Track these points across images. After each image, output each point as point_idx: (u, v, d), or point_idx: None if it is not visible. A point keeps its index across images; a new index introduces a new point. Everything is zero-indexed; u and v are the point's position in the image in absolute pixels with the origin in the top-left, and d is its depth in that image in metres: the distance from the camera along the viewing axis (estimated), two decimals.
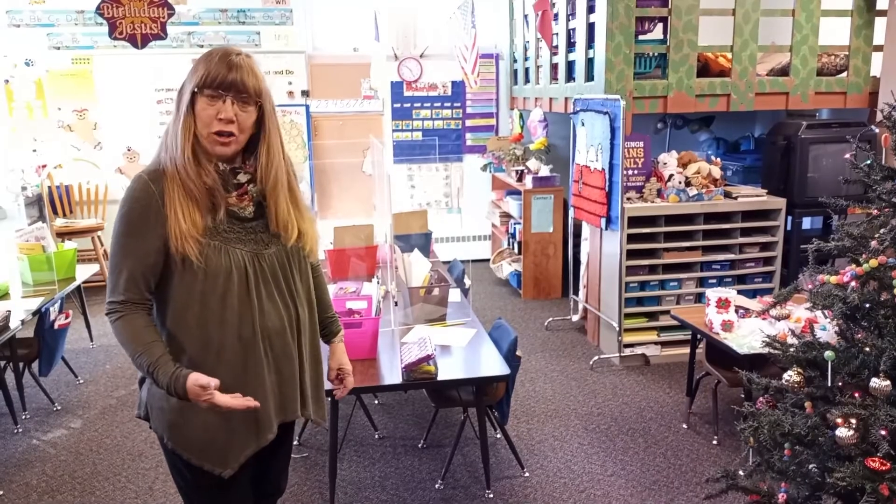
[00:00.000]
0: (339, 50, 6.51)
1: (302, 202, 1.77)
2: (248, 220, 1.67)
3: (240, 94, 1.57)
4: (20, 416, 3.75)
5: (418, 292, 3.32)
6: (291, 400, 1.77)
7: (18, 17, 5.97)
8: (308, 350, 1.82)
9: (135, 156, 6.31)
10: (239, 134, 1.60)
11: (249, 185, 1.66)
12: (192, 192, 1.58)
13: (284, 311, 1.72)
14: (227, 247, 1.63)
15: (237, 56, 1.59)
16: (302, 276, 1.78)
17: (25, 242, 4.15)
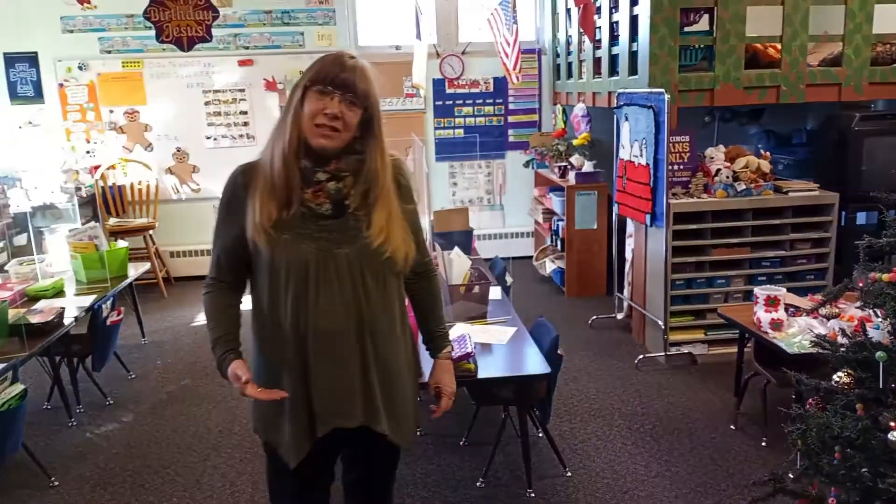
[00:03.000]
0: (381, 49, 6.55)
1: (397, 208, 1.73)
2: (325, 218, 1.68)
3: (347, 93, 1.62)
4: (74, 410, 3.87)
5: (458, 290, 3.32)
6: (348, 406, 1.71)
7: (72, 23, 6.16)
8: (378, 358, 1.73)
9: (184, 156, 6.45)
10: (343, 131, 1.64)
11: (328, 184, 1.67)
12: (273, 184, 1.66)
13: (345, 313, 1.67)
14: (296, 242, 1.66)
15: (350, 59, 1.67)
16: (379, 281, 1.71)
17: (79, 241, 4.28)
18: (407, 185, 1.81)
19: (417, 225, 1.86)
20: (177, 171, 6.47)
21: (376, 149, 1.69)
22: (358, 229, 1.68)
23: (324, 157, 1.67)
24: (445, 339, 1.95)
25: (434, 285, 1.95)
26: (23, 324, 3.37)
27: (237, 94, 6.39)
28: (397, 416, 1.80)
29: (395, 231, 1.71)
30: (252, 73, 6.32)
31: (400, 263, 1.73)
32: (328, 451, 1.85)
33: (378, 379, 1.74)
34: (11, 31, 6.10)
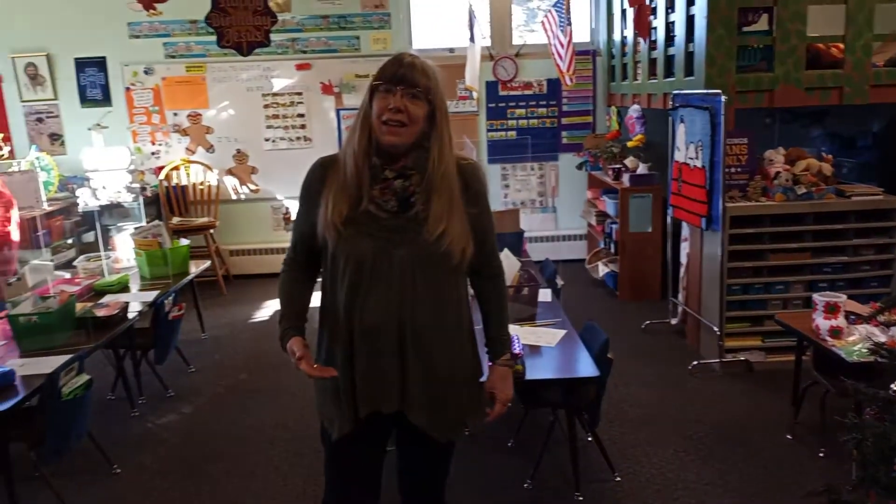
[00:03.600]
0: (434, 52, 6.60)
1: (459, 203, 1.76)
2: (388, 215, 1.75)
3: (409, 87, 1.70)
4: (137, 401, 4.03)
5: (507, 291, 3.32)
6: (385, 393, 1.79)
7: (138, 29, 6.41)
8: (420, 353, 1.78)
9: (243, 158, 6.63)
10: (409, 125, 1.71)
11: (395, 181, 1.74)
12: (346, 182, 1.76)
13: (389, 312, 1.74)
14: (358, 238, 1.75)
15: (410, 57, 1.75)
16: (431, 281, 1.77)
17: (144, 239, 4.45)
18: (476, 189, 1.83)
19: (486, 229, 1.89)
20: (237, 172, 6.65)
21: (437, 141, 1.74)
22: (418, 229, 1.74)
23: (393, 156, 1.75)
24: (506, 345, 1.96)
25: (500, 290, 1.97)
26: (89, 317, 3.53)
27: (294, 98, 6.53)
28: (438, 411, 1.84)
29: (454, 223, 1.74)
30: (309, 77, 6.46)
31: (456, 258, 1.76)
32: (374, 437, 1.91)
33: (418, 372, 1.79)
34: (82, 37, 6.37)
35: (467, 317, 1.90)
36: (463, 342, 1.88)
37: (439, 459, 2.02)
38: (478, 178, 1.85)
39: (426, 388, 1.81)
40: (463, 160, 1.84)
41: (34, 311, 3.35)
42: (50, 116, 6.54)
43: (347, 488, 1.97)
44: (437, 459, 2.01)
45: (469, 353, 1.91)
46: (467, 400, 1.91)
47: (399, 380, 1.79)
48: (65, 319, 3.41)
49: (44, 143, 6.49)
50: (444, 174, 1.75)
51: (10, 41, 6.38)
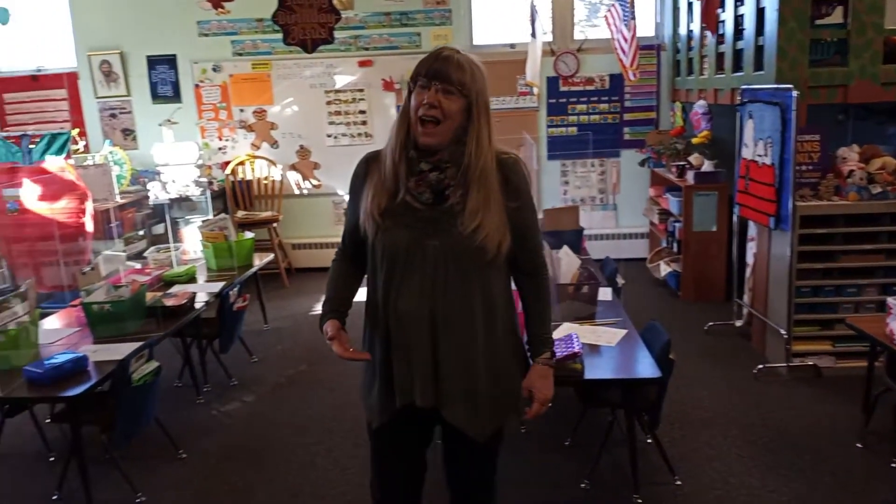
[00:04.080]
0: (495, 47, 6.58)
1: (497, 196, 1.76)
2: (424, 207, 1.77)
3: (443, 82, 1.71)
4: (202, 389, 4.15)
5: (566, 289, 3.30)
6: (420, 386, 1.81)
7: (207, 27, 6.59)
8: (452, 348, 1.79)
9: (306, 154, 6.75)
10: (444, 119, 1.72)
11: (430, 174, 1.76)
12: (385, 175, 1.80)
13: (420, 303, 1.77)
14: (394, 229, 1.78)
15: (447, 51, 1.76)
16: (465, 274, 1.77)
17: (210, 232, 4.59)
18: (516, 184, 1.82)
19: (528, 225, 1.87)
20: (300, 167, 6.78)
21: (474, 135, 1.74)
22: (453, 222, 1.75)
23: (430, 150, 1.76)
24: (546, 344, 1.93)
25: (542, 288, 1.95)
26: (159, 306, 3.65)
27: (356, 94, 6.61)
28: (473, 407, 1.84)
29: (491, 218, 1.74)
30: (371, 74, 6.52)
31: (491, 252, 1.76)
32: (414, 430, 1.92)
33: (452, 368, 1.80)
34: (153, 35, 6.59)
35: (505, 312, 1.88)
36: (498, 338, 1.86)
37: (483, 457, 2.01)
38: (518, 173, 1.83)
39: (459, 383, 1.82)
40: (504, 154, 1.83)
41: (107, 300, 3.49)
42: (123, 112, 6.79)
43: (389, 478, 2.02)
44: (480, 457, 2.01)
45: (506, 350, 1.90)
46: (503, 398, 1.89)
47: (432, 373, 1.80)
48: (136, 308, 3.55)
49: (117, 138, 6.75)
50: (482, 168, 1.74)
51: (87, 39, 6.65)
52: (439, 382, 1.81)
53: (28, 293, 3.23)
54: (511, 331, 1.92)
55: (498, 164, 1.79)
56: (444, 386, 1.81)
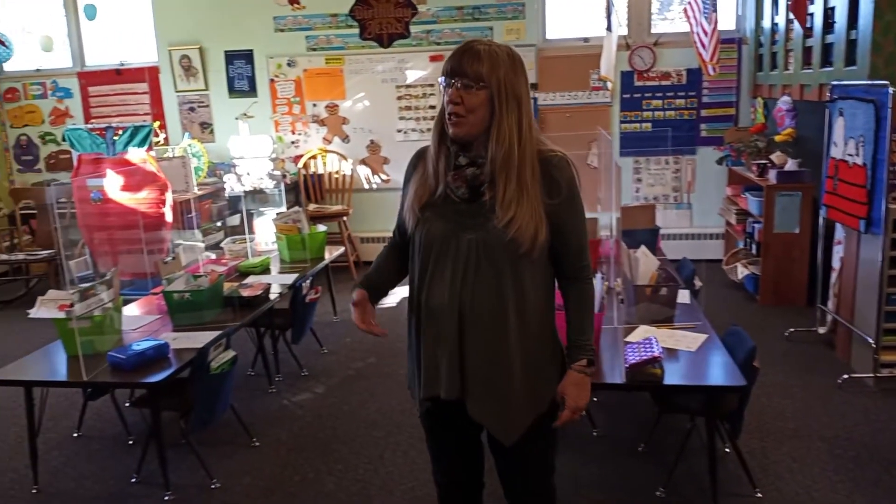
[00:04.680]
0: (568, 41, 6.47)
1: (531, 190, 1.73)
2: (461, 201, 1.79)
3: (463, 78, 1.71)
4: (274, 378, 4.23)
5: (644, 291, 3.20)
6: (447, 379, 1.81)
7: (283, 23, 6.70)
8: (479, 343, 1.78)
9: (376, 148, 6.80)
10: (468, 114, 1.72)
11: (467, 169, 1.77)
12: (427, 168, 1.84)
13: (449, 295, 1.77)
14: (432, 221, 1.81)
15: (469, 44, 1.75)
16: (498, 269, 1.75)
17: (284, 224, 4.66)
18: (557, 180, 1.77)
19: (569, 223, 1.81)
20: (370, 162, 6.84)
21: (496, 126, 1.73)
22: (489, 215, 1.74)
23: (467, 143, 1.78)
24: (583, 350, 1.85)
25: (583, 293, 1.88)
26: (236, 296, 3.73)
27: (427, 89, 6.62)
28: (502, 407, 1.83)
29: (523, 209, 1.72)
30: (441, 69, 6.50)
31: (524, 244, 1.73)
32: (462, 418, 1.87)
33: (478, 362, 1.80)
34: (231, 31, 6.75)
35: (542, 312, 1.83)
36: (532, 337, 1.82)
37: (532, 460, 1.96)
38: (561, 169, 1.78)
39: (484, 378, 1.80)
40: (550, 152, 1.80)
41: (187, 289, 3.58)
42: (201, 106, 6.98)
43: (445, 463, 2.07)
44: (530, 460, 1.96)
45: (541, 351, 1.86)
46: (531, 399, 1.85)
47: (458, 366, 1.80)
48: (214, 297, 3.63)
49: (195, 131, 6.95)
50: (506, 158, 1.72)
51: (168, 35, 6.86)
52: (465, 376, 1.81)
53: (113, 280, 3.34)
54: (548, 333, 1.88)
55: (541, 161, 1.77)
56: (469, 380, 1.81)
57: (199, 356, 3.05)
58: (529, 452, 1.95)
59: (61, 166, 7.42)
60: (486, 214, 1.75)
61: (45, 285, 6.17)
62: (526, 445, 1.90)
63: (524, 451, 1.92)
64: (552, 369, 1.89)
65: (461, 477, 2.09)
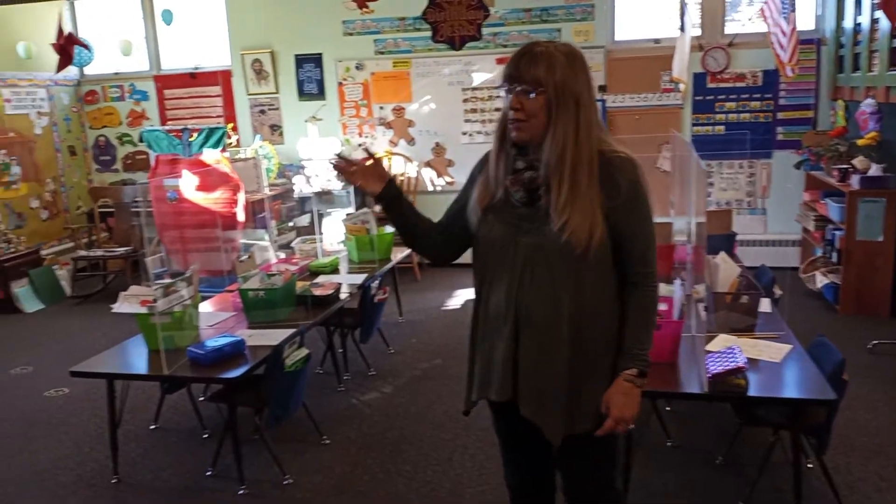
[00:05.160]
0: (638, 43, 6.36)
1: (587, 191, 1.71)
2: (519, 205, 1.79)
3: (520, 84, 1.72)
4: (343, 377, 4.27)
5: (724, 298, 3.11)
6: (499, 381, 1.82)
7: (351, 27, 6.79)
8: (533, 346, 1.78)
9: (441, 151, 6.82)
10: (529, 119, 1.72)
11: (525, 173, 1.77)
12: (489, 170, 1.85)
13: (506, 299, 1.79)
14: (493, 224, 1.83)
15: (530, 47, 1.74)
16: (553, 273, 1.75)
17: (354, 225, 4.71)
18: (619, 182, 1.74)
19: (631, 226, 1.78)
20: (434, 164, 6.86)
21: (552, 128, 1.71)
22: (545, 219, 1.74)
23: (526, 147, 1.78)
24: (635, 360, 1.80)
25: (644, 300, 1.83)
26: (308, 295, 3.78)
27: (492, 92, 6.60)
28: (551, 408, 1.81)
29: (577, 210, 1.70)
30: None
31: (579, 245, 1.71)
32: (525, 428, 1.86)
33: (530, 365, 1.79)
34: (301, 35, 6.88)
35: (601, 318, 1.80)
36: (588, 343, 1.79)
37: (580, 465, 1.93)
38: (625, 172, 1.75)
39: (536, 381, 1.80)
40: (613, 152, 1.77)
41: (262, 287, 3.65)
42: (271, 108, 7.13)
43: (515, 464, 2.09)
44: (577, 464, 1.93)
45: (597, 358, 1.82)
46: (583, 406, 1.82)
47: (511, 369, 1.81)
48: (287, 296, 3.69)
49: (265, 133, 7.10)
50: (560, 160, 1.70)
51: (241, 39, 7.03)
52: (518, 379, 1.81)
53: (193, 278, 3.43)
54: (608, 341, 1.83)
55: (603, 162, 1.74)
56: (521, 382, 1.81)
57: (275, 353, 3.10)
58: (587, 466, 1.93)
59: (137, 166, 7.69)
60: (542, 218, 1.75)
61: (121, 281, 6.41)
62: (583, 458, 1.89)
63: (582, 464, 1.92)
64: (608, 381, 1.83)
65: (531, 479, 2.08)
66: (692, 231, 3.18)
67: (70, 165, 7.56)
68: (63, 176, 7.45)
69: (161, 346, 3.08)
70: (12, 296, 6.14)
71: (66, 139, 7.51)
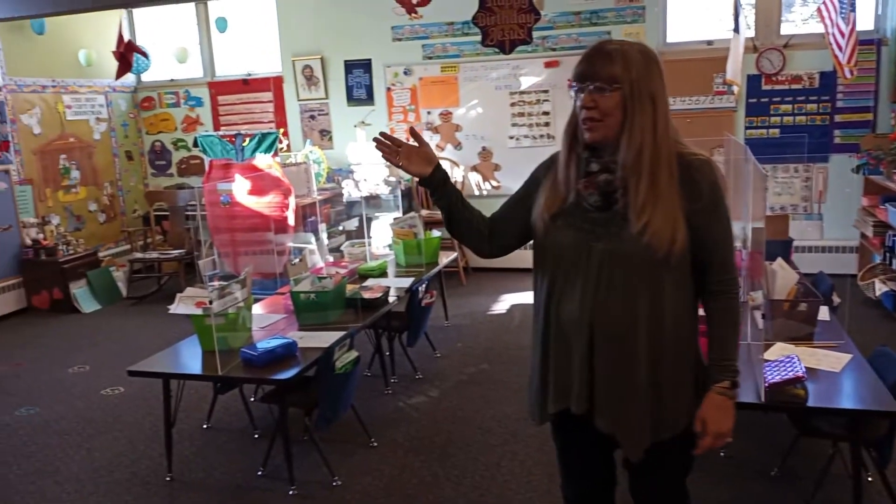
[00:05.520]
0: (690, 45, 6.26)
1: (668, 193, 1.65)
2: (593, 209, 1.72)
3: (593, 81, 1.66)
4: (390, 380, 4.30)
5: (781, 306, 3.03)
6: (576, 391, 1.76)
7: (400, 32, 6.85)
8: (610, 357, 1.72)
9: (488, 155, 6.82)
10: (603, 118, 1.67)
11: (600, 176, 1.71)
12: (558, 176, 1.78)
13: (582, 308, 1.71)
14: (563, 229, 1.76)
15: (602, 45, 1.70)
16: (631, 280, 1.68)
17: (401, 229, 4.74)
18: (700, 184, 1.68)
19: (712, 231, 1.72)
20: (481, 168, 6.86)
21: (628, 127, 1.66)
22: (622, 224, 1.68)
23: (600, 148, 1.72)
24: (726, 371, 1.75)
25: (728, 308, 1.77)
26: (358, 298, 3.82)
27: (541, 95, 6.57)
28: (625, 421, 1.75)
29: (658, 211, 1.64)
30: (556, 75, 6.45)
31: (660, 249, 1.64)
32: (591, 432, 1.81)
33: (607, 377, 1.73)
34: (351, 41, 6.97)
35: (681, 328, 1.74)
36: (667, 354, 1.73)
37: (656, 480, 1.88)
38: (706, 174, 1.69)
39: (610, 393, 1.74)
40: (692, 154, 1.72)
41: (313, 290, 3.70)
42: (321, 114, 7.23)
43: (574, 477, 2.02)
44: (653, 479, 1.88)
45: (677, 369, 1.76)
46: (664, 416, 1.76)
47: (588, 381, 1.75)
48: (338, 299, 3.74)
49: (315, 138, 7.20)
50: (637, 160, 1.65)
51: (292, 46, 7.15)
52: (594, 391, 1.75)
53: (247, 280, 3.50)
54: (687, 350, 1.78)
55: (682, 164, 1.69)
56: (598, 393, 1.75)
57: (325, 355, 3.14)
58: (662, 474, 1.88)
59: (191, 171, 7.88)
60: (619, 223, 1.69)
61: (174, 283, 6.57)
62: (658, 466, 1.83)
63: (656, 472, 1.86)
64: (688, 389, 1.80)
65: (590, 493, 2.03)
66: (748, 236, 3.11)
67: (127, 170, 7.80)
68: (120, 180, 7.69)
69: (216, 347, 3.15)
70: (71, 296, 6.35)
71: (124, 144, 7.75)
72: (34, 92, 6.66)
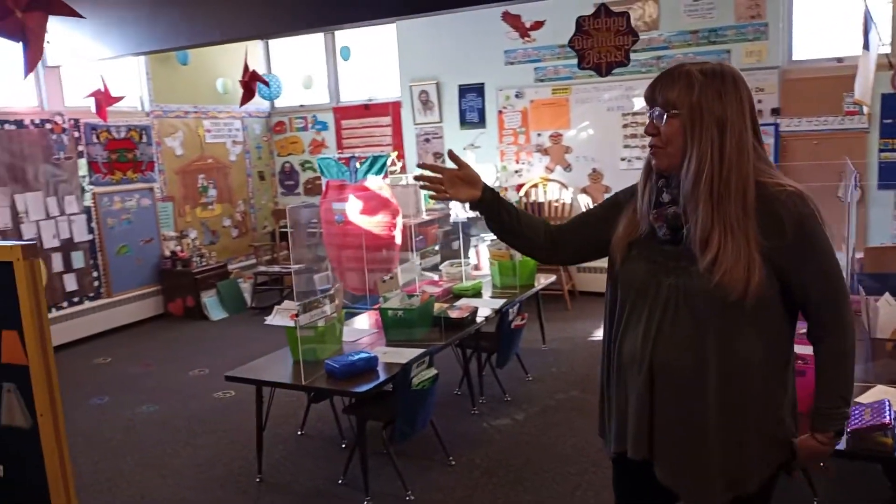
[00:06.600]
0: (818, 62, 5.88)
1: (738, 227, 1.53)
2: (664, 242, 1.65)
3: (655, 107, 1.62)
4: (478, 400, 4.33)
5: (884, 345, 2.77)
6: (634, 435, 1.67)
7: (513, 56, 6.93)
8: (671, 401, 1.61)
9: (598, 177, 6.72)
10: (665, 145, 1.61)
11: (670, 209, 1.62)
12: (637, 202, 1.71)
13: (644, 345, 1.63)
14: (636, 261, 1.69)
15: (672, 68, 1.63)
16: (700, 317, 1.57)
17: (497, 250, 4.78)
18: (784, 218, 1.53)
19: (802, 271, 1.57)
20: (590, 190, 6.77)
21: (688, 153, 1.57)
22: (693, 258, 1.57)
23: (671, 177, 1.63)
24: (829, 421, 1.62)
25: (832, 351, 1.62)
26: (443, 317, 3.89)
27: None
28: (695, 476, 1.63)
29: (728, 248, 1.52)
30: None
31: (734, 292, 1.51)
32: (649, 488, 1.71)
33: (668, 423, 1.63)
34: (465, 66, 7.12)
35: (753, 370, 1.59)
36: (736, 400, 1.59)
37: None
38: (790, 208, 1.53)
39: (675, 441, 1.63)
40: (777, 185, 1.56)
41: (400, 307, 3.82)
42: (435, 137, 7.44)
43: None
44: None
45: (748, 417, 1.60)
46: (731, 473, 1.61)
47: (647, 425, 1.65)
48: (424, 316, 3.83)
49: (429, 161, 7.40)
50: (696, 187, 1.54)
51: (410, 71, 7.42)
52: (654, 436, 1.65)
53: (336, 295, 3.67)
54: (766, 401, 1.62)
55: (763, 195, 1.55)
56: (658, 441, 1.65)
57: (403, 371, 3.23)
58: None
59: (316, 191, 8.32)
60: (689, 257, 1.58)
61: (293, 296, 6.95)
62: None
63: None
64: (768, 445, 1.65)
65: None
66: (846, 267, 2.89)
67: (259, 189, 8.38)
68: (252, 198, 8.27)
69: (300, 357, 3.32)
70: (202, 304, 6.90)
71: (257, 165, 8.34)
72: (178, 117, 7.34)
